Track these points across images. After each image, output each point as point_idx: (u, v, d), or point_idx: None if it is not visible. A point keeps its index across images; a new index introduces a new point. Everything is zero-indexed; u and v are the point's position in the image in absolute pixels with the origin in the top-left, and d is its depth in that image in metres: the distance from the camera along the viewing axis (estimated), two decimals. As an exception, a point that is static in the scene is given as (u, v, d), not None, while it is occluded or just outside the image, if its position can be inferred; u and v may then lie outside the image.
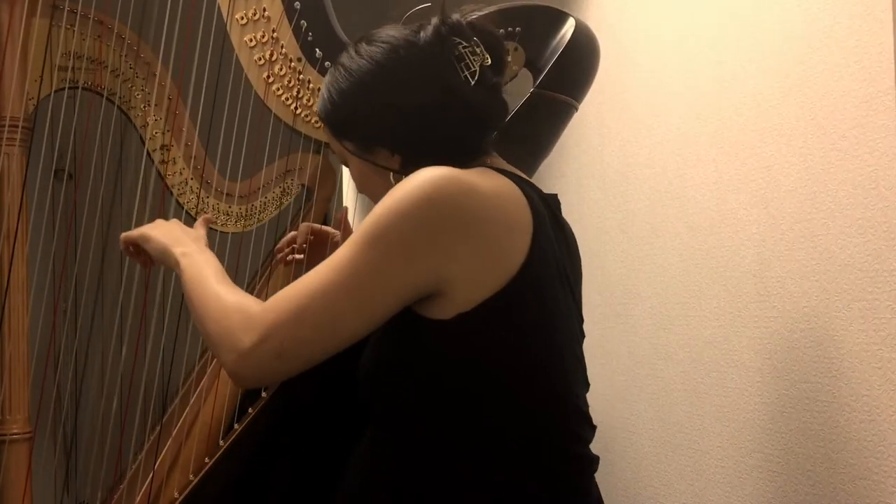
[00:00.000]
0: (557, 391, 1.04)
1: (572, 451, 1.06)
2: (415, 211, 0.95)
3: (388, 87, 1.08)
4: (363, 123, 1.11)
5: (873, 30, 1.19)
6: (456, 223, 0.96)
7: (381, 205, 0.97)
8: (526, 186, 1.05)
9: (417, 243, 0.95)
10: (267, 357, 0.96)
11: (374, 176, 1.13)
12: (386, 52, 1.09)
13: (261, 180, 1.79)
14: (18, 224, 1.45)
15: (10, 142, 1.45)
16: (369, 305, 0.96)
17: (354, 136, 1.12)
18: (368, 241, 0.96)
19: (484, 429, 1.00)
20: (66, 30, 1.53)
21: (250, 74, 1.50)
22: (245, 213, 1.76)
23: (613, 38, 1.81)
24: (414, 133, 1.08)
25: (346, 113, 1.11)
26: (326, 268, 0.97)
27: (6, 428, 1.43)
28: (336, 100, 1.12)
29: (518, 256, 0.98)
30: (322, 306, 0.95)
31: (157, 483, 1.57)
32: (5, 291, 1.44)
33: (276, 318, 0.96)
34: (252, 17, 1.49)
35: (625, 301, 1.79)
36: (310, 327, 0.95)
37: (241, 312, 0.99)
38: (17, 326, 1.45)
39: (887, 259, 1.16)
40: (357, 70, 1.10)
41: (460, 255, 0.96)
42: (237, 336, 0.97)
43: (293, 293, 0.97)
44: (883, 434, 1.17)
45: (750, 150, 1.43)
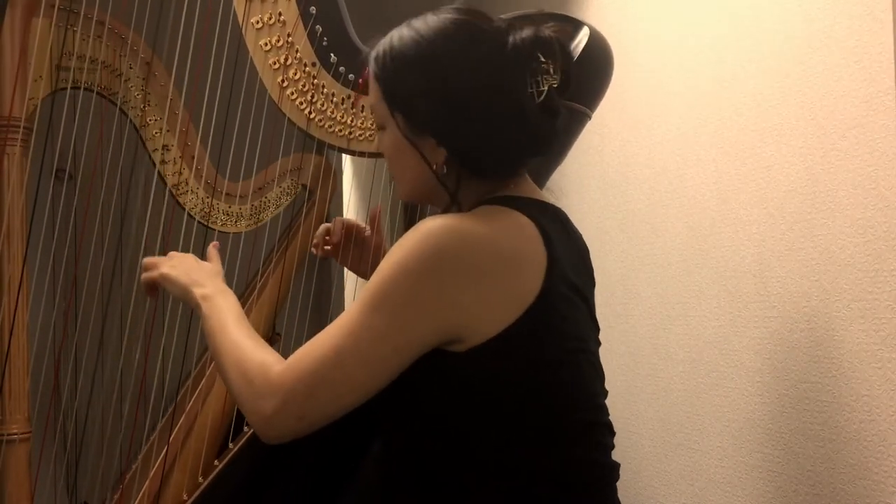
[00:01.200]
0: (576, 407, 1.04)
1: (595, 461, 1.06)
2: (417, 270, 0.95)
3: (459, 74, 1.03)
4: (420, 102, 1.05)
5: (873, 30, 1.19)
6: (460, 274, 0.96)
7: (386, 262, 0.97)
8: (538, 215, 1.04)
9: (422, 304, 0.96)
10: (289, 420, 0.99)
11: (408, 155, 1.08)
12: (469, 36, 1.04)
13: (261, 180, 1.79)
14: (23, 225, 1.45)
15: (10, 142, 1.45)
16: (381, 366, 0.97)
17: (407, 111, 1.06)
18: (375, 304, 0.96)
19: (506, 448, 1.00)
20: (67, 30, 1.53)
21: (265, 78, 1.50)
22: (246, 214, 1.76)
23: (613, 38, 1.80)
24: (469, 135, 1.04)
25: (407, 84, 1.05)
26: (339, 329, 0.98)
27: (6, 428, 1.43)
28: (399, 63, 1.05)
29: (530, 291, 0.98)
30: (335, 371, 0.97)
31: (165, 483, 1.57)
32: (5, 292, 1.44)
33: (294, 384, 0.98)
34: (267, 21, 1.49)
35: (625, 301, 1.79)
36: (326, 390, 0.97)
37: (262, 375, 1.00)
38: (16, 327, 1.45)
39: (887, 259, 1.16)
40: (432, 42, 1.03)
41: (467, 304, 0.96)
42: (259, 401, 0.99)
43: (309, 356, 0.99)
44: (883, 434, 1.17)
45: (750, 150, 1.43)
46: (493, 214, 1.02)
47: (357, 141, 1.54)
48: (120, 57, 1.59)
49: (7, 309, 1.44)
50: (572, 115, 1.40)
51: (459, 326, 0.97)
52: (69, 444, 1.84)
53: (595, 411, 1.07)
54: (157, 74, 1.62)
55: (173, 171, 1.66)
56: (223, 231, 1.73)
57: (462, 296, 0.96)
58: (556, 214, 1.10)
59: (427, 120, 1.05)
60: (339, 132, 1.53)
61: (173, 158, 1.66)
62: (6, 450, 1.43)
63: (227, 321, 1.10)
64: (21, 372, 1.45)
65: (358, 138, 1.53)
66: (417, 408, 1.03)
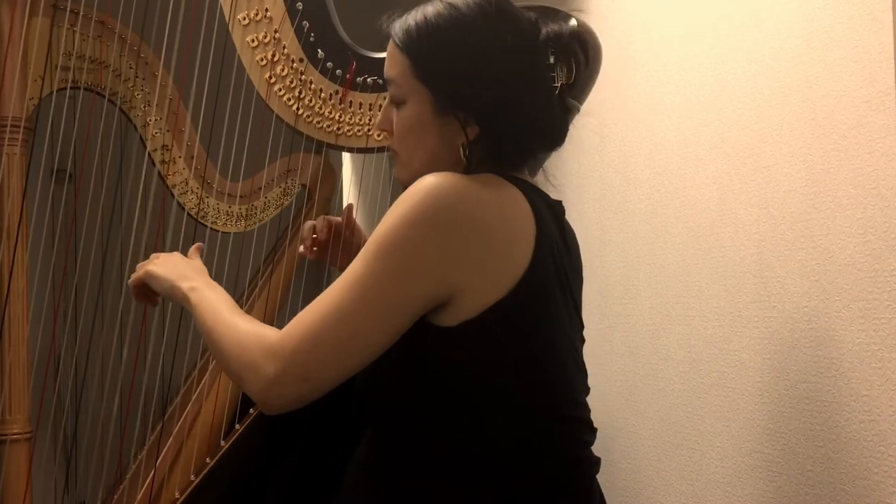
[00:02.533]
0: (558, 397, 1.04)
1: (573, 455, 1.06)
2: (422, 220, 0.94)
3: (502, 55, 1.01)
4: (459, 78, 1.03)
5: (873, 30, 1.19)
6: (461, 230, 0.96)
7: (388, 216, 0.96)
8: (532, 194, 1.04)
9: (427, 252, 0.95)
10: (293, 383, 0.96)
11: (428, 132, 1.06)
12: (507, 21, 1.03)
13: (261, 180, 1.80)
14: (20, 225, 1.45)
15: (11, 142, 1.45)
16: (386, 318, 0.95)
17: (443, 87, 1.04)
18: (379, 254, 0.95)
19: (485, 432, 1.00)
20: (67, 30, 1.53)
21: (252, 75, 1.50)
22: (245, 214, 1.76)
23: (613, 37, 1.81)
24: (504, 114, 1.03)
25: (445, 59, 1.03)
26: (340, 285, 0.96)
27: (6, 428, 1.44)
28: (436, 37, 1.03)
29: (520, 266, 0.98)
30: (340, 325, 0.95)
31: (159, 482, 1.57)
32: (6, 292, 1.44)
33: (297, 344, 0.95)
34: (254, 17, 1.49)
35: (625, 301, 1.79)
36: (330, 347, 0.95)
37: (260, 343, 0.98)
38: (16, 327, 1.45)
39: (887, 259, 1.16)
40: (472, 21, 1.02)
41: (467, 263, 0.96)
42: (260, 367, 0.96)
43: (310, 316, 0.97)
44: (883, 434, 1.17)
45: (750, 150, 1.43)
46: (492, 181, 1.02)
47: (346, 136, 1.54)
48: (119, 56, 1.59)
49: (7, 310, 1.44)
50: None
51: (458, 284, 0.96)
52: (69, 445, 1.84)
53: (575, 406, 1.07)
54: (157, 74, 1.62)
55: (173, 171, 1.66)
56: (222, 231, 1.73)
57: (463, 251, 0.96)
58: (550, 205, 1.10)
59: (464, 97, 1.03)
60: (328, 128, 1.53)
61: (173, 158, 1.66)
62: (6, 450, 1.43)
63: (219, 308, 1.08)
64: (21, 373, 1.45)
65: (346, 134, 1.54)
66: (399, 399, 1.03)
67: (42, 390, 1.57)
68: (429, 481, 1.01)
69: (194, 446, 1.59)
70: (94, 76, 1.57)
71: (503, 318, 0.97)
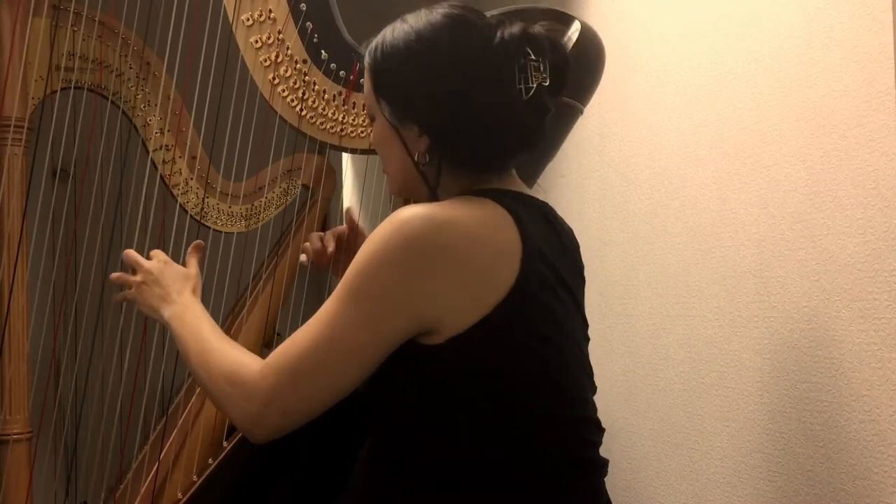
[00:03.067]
0: (563, 398, 1.04)
1: (580, 456, 1.06)
2: (390, 259, 0.96)
3: (445, 66, 1.04)
4: (405, 91, 1.07)
5: (873, 30, 1.19)
6: (433, 262, 0.96)
7: (360, 254, 0.98)
8: (515, 205, 1.04)
9: (397, 293, 0.96)
10: (274, 418, 1.00)
11: (393, 145, 1.11)
12: (458, 31, 1.05)
13: (262, 181, 1.79)
14: (23, 227, 1.45)
15: (14, 142, 1.45)
16: (360, 356, 0.98)
17: (392, 99, 1.09)
18: (350, 296, 0.98)
19: (488, 437, 1.00)
20: (68, 30, 1.53)
21: (256, 76, 1.50)
22: (246, 214, 1.76)
23: (613, 37, 1.81)
24: (451, 125, 1.05)
25: (394, 73, 1.07)
26: (316, 323, 0.99)
27: (6, 428, 1.43)
28: (389, 54, 1.07)
29: (506, 280, 0.98)
30: (315, 364, 0.98)
31: (160, 482, 1.57)
32: (5, 292, 1.44)
33: (275, 382, 0.99)
34: (258, 18, 1.49)
35: (625, 301, 1.79)
36: (307, 383, 0.99)
37: (240, 379, 1.03)
38: (17, 327, 1.45)
39: (887, 259, 1.16)
40: (422, 34, 1.05)
41: (443, 293, 0.97)
42: (241, 404, 1.02)
43: (287, 352, 1.00)
44: (883, 434, 1.17)
45: (750, 150, 1.43)
46: (465, 203, 1.02)
47: (349, 138, 1.54)
48: (120, 57, 1.59)
49: (6, 309, 1.44)
50: (562, 109, 1.40)
51: (435, 316, 0.97)
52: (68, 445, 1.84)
53: (580, 406, 1.07)
54: (157, 74, 1.62)
55: (173, 171, 1.66)
56: (222, 231, 1.73)
57: (436, 284, 0.96)
58: (539, 208, 1.09)
59: (410, 107, 1.07)
60: (331, 129, 1.53)
61: (173, 158, 1.66)
62: (6, 450, 1.43)
63: (199, 331, 1.12)
64: (20, 373, 1.45)
65: (349, 135, 1.54)
66: (399, 404, 1.03)
67: (45, 390, 1.57)
68: (433, 486, 1.01)
69: (196, 447, 1.59)
70: (94, 76, 1.57)
71: (491, 332, 0.98)
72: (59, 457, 1.88)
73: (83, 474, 1.81)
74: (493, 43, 1.04)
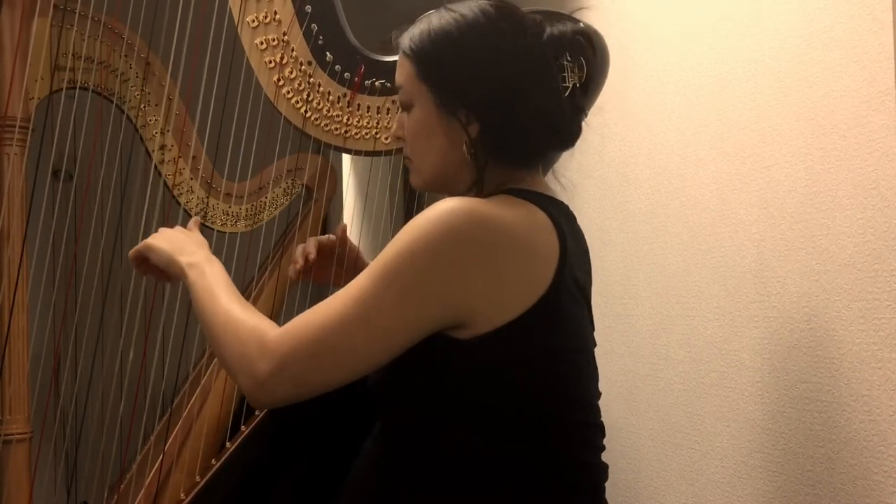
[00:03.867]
0: (572, 402, 1.04)
1: (584, 460, 1.06)
2: (431, 247, 0.95)
3: (502, 54, 1.04)
4: (460, 77, 1.06)
5: (873, 30, 1.19)
6: (472, 257, 0.95)
7: (399, 238, 0.96)
8: (552, 209, 1.04)
9: (433, 281, 0.95)
10: (285, 384, 0.96)
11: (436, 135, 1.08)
12: (511, 20, 1.05)
13: (263, 180, 1.79)
14: (22, 226, 1.45)
15: (14, 142, 1.45)
16: (387, 339, 0.96)
17: (443, 86, 1.07)
18: (386, 277, 0.95)
19: (496, 437, 1.00)
20: (68, 30, 1.53)
21: (260, 77, 1.50)
22: (246, 214, 1.76)
23: (613, 37, 1.80)
24: (506, 114, 1.04)
25: (446, 59, 1.06)
26: (345, 298, 0.97)
27: (6, 428, 1.43)
28: (438, 40, 1.06)
29: (541, 283, 0.98)
30: (339, 338, 0.95)
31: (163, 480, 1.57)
32: (4, 293, 1.44)
33: (294, 347, 0.96)
34: (263, 20, 1.49)
35: (625, 301, 1.79)
36: (327, 357, 0.96)
37: (257, 338, 0.98)
38: (17, 325, 1.45)
39: (887, 259, 1.16)
40: (475, 21, 1.05)
41: (478, 288, 0.96)
42: (254, 362, 0.97)
43: (311, 322, 0.97)
44: (883, 434, 1.17)
45: (750, 150, 1.43)
46: (509, 202, 1.02)
47: (353, 139, 1.54)
48: (120, 57, 1.59)
49: (6, 309, 1.44)
50: None
51: (468, 310, 0.96)
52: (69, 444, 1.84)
53: (589, 411, 1.07)
54: (157, 74, 1.62)
55: (173, 171, 1.66)
56: (224, 231, 1.73)
57: (474, 279, 0.96)
58: (565, 211, 1.10)
59: (465, 93, 1.05)
60: (336, 131, 1.53)
61: (173, 158, 1.66)
62: (6, 450, 1.43)
63: (215, 287, 1.08)
64: (21, 373, 1.45)
65: (354, 137, 1.54)
66: (416, 398, 1.03)
67: (41, 391, 1.57)
68: (438, 483, 1.01)
69: (199, 447, 1.59)
70: (95, 76, 1.57)
71: (520, 334, 0.98)
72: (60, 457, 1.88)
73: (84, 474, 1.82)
74: (544, 39, 1.05)
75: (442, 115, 1.07)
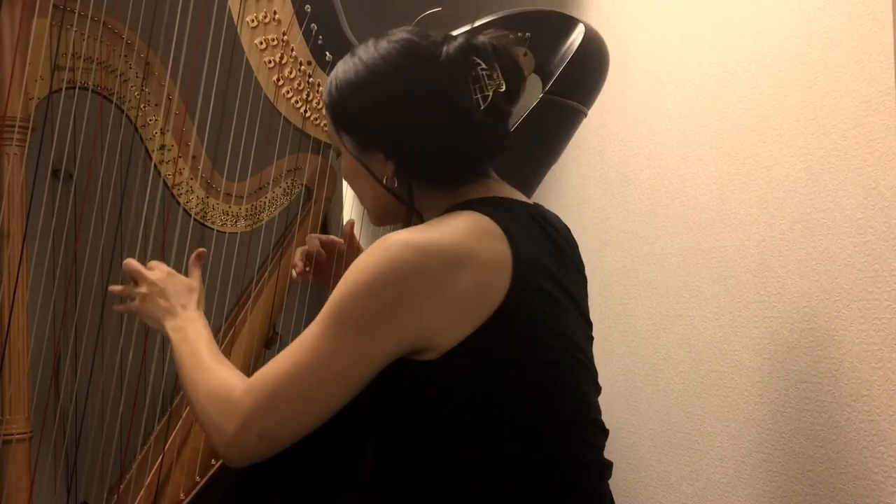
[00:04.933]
0: (565, 402, 1.04)
1: (582, 459, 1.06)
2: (374, 285, 0.96)
3: (396, 91, 1.06)
4: (363, 121, 1.09)
5: (873, 30, 1.19)
6: (416, 287, 0.96)
7: (344, 280, 0.98)
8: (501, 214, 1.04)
9: (382, 318, 0.96)
10: (250, 441, 0.99)
11: (361, 177, 1.12)
12: (404, 55, 1.06)
13: (263, 180, 1.79)
14: (22, 226, 1.45)
15: (19, 142, 1.45)
16: (340, 381, 0.98)
17: (353, 132, 1.10)
18: (333, 321, 0.97)
19: (490, 442, 1.00)
20: (68, 30, 1.53)
21: (260, 77, 1.50)
22: (246, 214, 1.76)
23: (614, 37, 1.81)
24: (412, 144, 1.07)
25: (350, 106, 1.09)
26: (298, 347, 0.99)
27: (6, 428, 1.43)
28: (342, 89, 1.09)
29: (497, 291, 0.98)
30: (295, 388, 0.98)
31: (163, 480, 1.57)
32: (4, 293, 1.44)
33: (254, 403, 0.99)
34: (262, 19, 1.49)
35: (625, 301, 1.79)
36: (285, 408, 0.98)
37: (225, 398, 1.02)
38: (16, 325, 1.45)
39: (887, 259, 1.16)
40: (370, 65, 1.07)
41: (429, 314, 0.97)
42: (220, 424, 1.01)
43: (269, 376, 1.00)
44: (883, 434, 1.17)
45: (750, 150, 1.43)
46: (449, 221, 1.02)
47: None
48: (120, 57, 1.59)
49: (6, 308, 1.44)
50: (566, 111, 1.40)
51: (425, 334, 0.97)
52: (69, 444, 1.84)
53: (584, 409, 1.07)
54: (157, 74, 1.62)
55: (173, 171, 1.66)
56: (224, 231, 1.73)
57: (423, 306, 0.96)
58: (526, 212, 1.09)
59: (370, 135, 1.09)
60: None
61: (173, 158, 1.66)
62: (6, 450, 1.43)
63: (196, 348, 1.13)
64: (21, 372, 1.45)
65: None
66: (403, 411, 1.03)
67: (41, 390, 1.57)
68: (439, 492, 1.01)
69: (199, 447, 1.59)
70: (95, 76, 1.57)
71: (485, 343, 0.98)
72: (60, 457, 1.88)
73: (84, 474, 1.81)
74: (440, 60, 1.05)
75: (360, 159, 1.10)
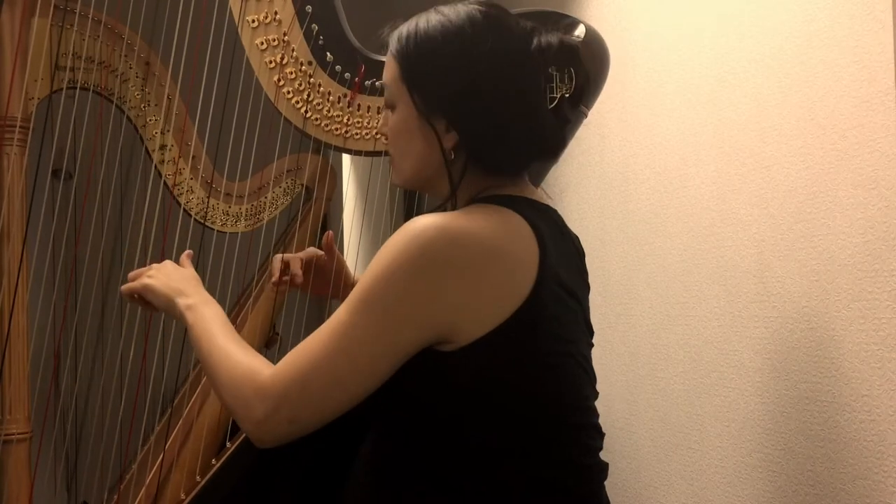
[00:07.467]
0: (565, 406, 1.04)
1: (582, 462, 1.06)
2: (405, 270, 0.95)
3: (485, 63, 1.02)
4: (440, 83, 1.05)
5: (873, 30, 1.19)
6: (447, 276, 0.96)
7: (374, 264, 0.97)
8: (532, 213, 1.04)
9: (411, 303, 0.96)
10: (281, 424, 0.99)
11: (415, 137, 1.08)
12: (498, 29, 1.04)
13: (263, 180, 1.79)
14: (22, 226, 1.45)
15: (19, 143, 1.45)
16: (372, 366, 0.97)
17: (425, 90, 1.06)
18: (364, 305, 0.97)
19: (491, 443, 1.00)
20: (68, 30, 1.53)
21: (261, 77, 1.50)
22: (246, 214, 1.76)
23: (613, 37, 1.81)
24: (484, 122, 1.04)
25: (429, 64, 1.05)
26: (328, 331, 0.98)
27: (6, 428, 1.43)
28: (423, 44, 1.05)
29: (522, 290, 0.98)
30: (325, 372, 0.97)
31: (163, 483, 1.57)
32: (4, 293, 1.44)
33: (286, 387, 0.98)
34: (263, 20, 1.49)
35: (625, 301, 1.79)
36: (317, 392, 0.98)
37: (251, 381, 1.01)
38: (15, 328, 1.45)
39: (887, 259, 1.16)
40: (461, 28, 1.04)
41: (456, 305, 0.96)
42: (251, 407, 1.00)
43: (298, 359, 0.99)
44: (883, 434, 1.17)
45: (750, 150, 1.43)
46: (484, 212, 1.02)
47: (353, 139, 1.54)
48: (120, 57, 1.59)
49: (6, 309, 1.44)
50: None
51: (449, 325, 0.97)
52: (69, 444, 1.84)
53: (583, 414, 1.07)
54: (157, 74, 1.62)
55: (173, 171, 1.66)
56: (223, 231, 1.73)
57: (450, 295, 0.96)
58: (551, 216, 1.09)
59: (445, 102, 1.05)
60: (336, 131, 1.53)
61: (173, 158, 1.66)
62: (6, 450, 1.43)
63: (213, 328, 1.11)
64: (21, 373, 1.45)
65: (354, 137, 1.54)
66: (407, 407, 1.03)
67: (41, 391, 1.57)
68: (439, 489, 1.02)
69: (199, 447, 1.59)
70: (95, 76, 1.57)
71: (503, 341, 0.98)
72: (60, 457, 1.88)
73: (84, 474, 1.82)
74: (531, 49, 1.04)
75: (421, 120, 1.07)
